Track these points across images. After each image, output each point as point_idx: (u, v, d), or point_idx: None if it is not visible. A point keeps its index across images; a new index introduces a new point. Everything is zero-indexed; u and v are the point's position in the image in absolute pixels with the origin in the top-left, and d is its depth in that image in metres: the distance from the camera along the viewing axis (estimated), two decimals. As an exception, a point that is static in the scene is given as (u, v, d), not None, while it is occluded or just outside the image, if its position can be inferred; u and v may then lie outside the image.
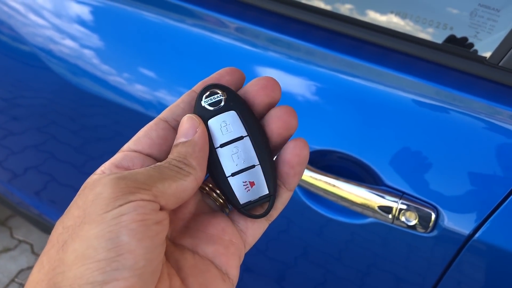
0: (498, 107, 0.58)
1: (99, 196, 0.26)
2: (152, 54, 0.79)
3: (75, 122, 0.96)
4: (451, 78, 0.60)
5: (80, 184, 0.96)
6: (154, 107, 0.79)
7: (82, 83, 0.87)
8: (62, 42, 0.88)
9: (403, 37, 0.64)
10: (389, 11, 0.65)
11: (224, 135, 0.32)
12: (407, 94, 0.61)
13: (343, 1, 0.69)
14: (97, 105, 0.88)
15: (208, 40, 0.74)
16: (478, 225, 0.58)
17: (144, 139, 0.32)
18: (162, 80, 0.79)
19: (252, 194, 0.32)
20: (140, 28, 0.80)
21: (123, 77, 0.82)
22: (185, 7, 0.77)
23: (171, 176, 0.29)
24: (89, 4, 0.85)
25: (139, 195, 0.26)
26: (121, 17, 0.82)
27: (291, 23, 0.71)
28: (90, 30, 0.85)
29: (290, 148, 0.32)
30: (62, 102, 0.94)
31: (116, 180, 0.27)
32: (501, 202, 0.57)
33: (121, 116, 0.85)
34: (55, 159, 1.07)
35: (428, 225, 0.60)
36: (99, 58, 0.84)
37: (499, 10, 0.58)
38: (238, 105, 0.32)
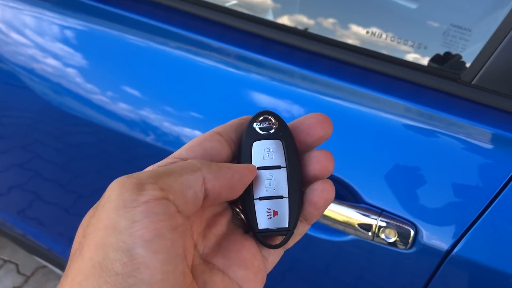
0: (472, 125, 0.59)
1: (108, 200, 0.26)
2: (136, 74, 0.80)
3: (60, 140, 0.96)
4: (427, 96, 0.61)
5: (65, 202, 0.95)
6: (138, 125, 0.80)
7: (66, 102, 0.87)
8: (45, 60, 0.88)
9: (380, 57, 0.65)
10: (365, 31, 0.66)
11: (264, 160, 0.33)
12: (385, 113, 0.63)
13: (323, 16, 0.70)
14: (81, 123, 0.88)
15: (191, 62, 0.75)
16: (455, 241, 0.59)
17: (197, 148, 0.32)
18: (146, 99, 0.79)
19: (272, 223, 0.33)
20: (124, 51, 0.80)
21: (107, 96, 0.83)
22: (168, 29, 0.78)
23: (177, 171, 0.28)
24: (72, 28, 0.86)
25: (146, 192, 0.26)
26: (104, 40, 0.82)
27: (273, 46, 0.72)
28: (73, 49, 0.86)
29: (319, 191, 0.33)
30: (46, 120, 0.94)
31: (122, 181, 0.26)
32: (477, 218, 0.58)
33: (106, 135, 0.85)
34: (40, 177, 1.07)
35: (408, 242, 0.60)
36: (83, 76, 0.85)
37: (470, 30, 0.59)
38: (285, 137, 0.34)
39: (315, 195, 0.33)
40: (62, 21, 0.87)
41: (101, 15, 0.83)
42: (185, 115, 0.76)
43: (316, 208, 0.33)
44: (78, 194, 1.04)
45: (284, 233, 0.33)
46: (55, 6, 0.88)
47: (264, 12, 1.07)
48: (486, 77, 0.58)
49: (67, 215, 1.09)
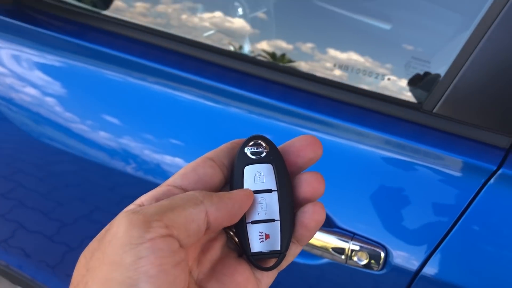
0: (435, 151, 0.63)
1: (115, 236, 0.27)
2: (115, 105, 0.82)
3: (42, 169, 0.97)
4: (392, 125, 0.65)
5: (49, 230, 0.96)
6: (119, 154, 0.82)
7: (46, 132, 0.89)
8: (23, 90, 0.90)
9: (349, 89, 0.69)
10: (332, 65, 0.70)
11: (255, 184, 0.34)
12: (354, 143, 0.66)
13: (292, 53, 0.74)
14: (62, 152, 0.89)
15: (170, 97, 0.78)
16: (423, 261, 0.62)
17: (191, 174, 0.33)
18: (126, 127, 0.82)
19: (264, 246, 0.33)
20: (102, 85, 0.83)
21: (87, 124, 0.85)
22: (145, 64, 0.81)
23: (181, 204, 0.29)
24: (51, 64, 0.88)
25: (152, 230, 0.26)
26: (82, 75, 0.85)
27: (251, 79, 0.76)
28: (52, 79, 0.88)
29: (310, 213, 0.34)
30: (27, 150, 0.95)
31: (129, 217, 0.27)
32: (443, 239, 0.61)
33: (87, 163, 0.87)
34: (23, 206, 1.08)
35: (379, 264, 0.63)
36: (62, 106, 0.87)
37: (429, 62, 0.63)
38: (276, 161, 0.34)
39: (306, 217, 0.33)
40: (41, 58, 0.89)
41: (79, 50, 0.85)
42: (166, 143, 0.79)
43: (308, 230, 0.34)
44: (62, 222, 1.05)
45: (277, 256, 0.34)
46: (34, 43, 0.90)
47: (242, 38, 1.11)
48: (446, 106, 0.62)
49: (51, 243, 1.09)
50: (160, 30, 0.87)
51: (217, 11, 1.19)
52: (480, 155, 0.61)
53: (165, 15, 1.01)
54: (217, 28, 1.09)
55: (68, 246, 1.06)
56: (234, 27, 1.13)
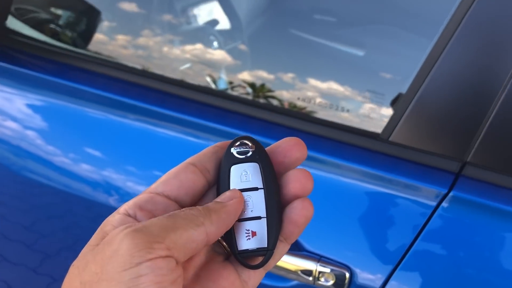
0: (392, 177, 0.68)
1: (116, 253, 0.27)
2: (96, 139, 0.86)
3: (24, 202, 0.99)
4: (351, 153, 0.70)
5: (33, 262, 0.98)
6: (101, 186, 0.85)
7: (27, 165, 0.91)
8: (3, 124, 0.92)
9: (309, 119, 0.74)
10: (296, 98, 0.75)
11: (242, 183, 0.34)
12: (317, 170, 0.71)
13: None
14: (45, 185, 0.92)
15: (151, 133, 0.82)
16: (385, 279, 0.66)
17: (173, 181, 0.33)
18: (108, 160, 0.85)
19: (251, 244, 0.33)
20: (82, 122, 0.87)
21: (69, 157, 0.88)
22: (125, 102, 0.85)
23: (183, 225, 0.29)
24: (31, 103, 0.92)
25: (154, 251, 0.27)
26: (62, 112, 0.88)
27: (230, 115, 0.80)
28: (33, 114, 0.91)
29: (298, 209, 0.34)
30: (9, 183, 0.98)
31: (132, 236, 0.27)
32: (401, 258, 0.66)
33: (70, 195, 0.89)
34: (5, 239, 1.09)
35: (344, 284, 0.68)
36: (43, 139, 0.90)
37: (384, 94, 0.69)
38: (262, 159, 0.35)
39: (295, 213, 0.34)
40: (21, 97, 0.93)
41: (60, 89, 0.90)
42: (148, 174, 0.83)
43: (297, 226, 0.34)
44: (45, 254, 1.06)
45: (264, 253, 0.34)
46: (14, 82, 0.94)
47: (218, 69, 1.17)
48: (400, 134, 0.68)
49: (35, 275, 1.11)
50: (139, 69, 0.92)
51: (194, 44, 1.25)
52: (433, 179, 0.67)
53: (144, 48, 1.07)
54: (194, 61, 1.14)
55: (52, 278, 1.07)
56: (211, 59, 1.19)
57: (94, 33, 1.12)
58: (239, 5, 1.46)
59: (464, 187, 0.65)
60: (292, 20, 1.58)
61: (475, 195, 0.65)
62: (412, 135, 0.68)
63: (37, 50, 0.98)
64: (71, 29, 1.14)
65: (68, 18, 1.16)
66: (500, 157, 0.65)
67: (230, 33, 1.39)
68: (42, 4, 1.13)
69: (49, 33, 1.09)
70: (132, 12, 1.25)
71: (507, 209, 0.64)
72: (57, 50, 0.98)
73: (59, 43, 1.06)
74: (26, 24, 1.04)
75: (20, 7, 1.05)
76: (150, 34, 1.23)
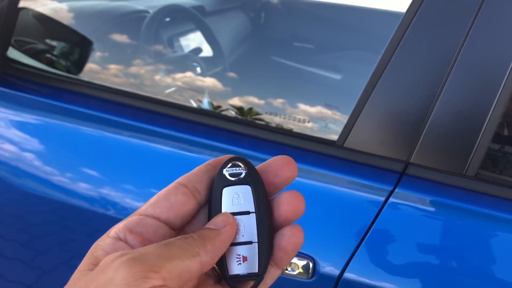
0: (344, 177, 0.78)
1: (111, 281, 0.26)
2: (93, 157, 0.94)
3: (21, 219, 1.03)
4: (310, 158, 0.81)
5: (29, 279, 1.05)
6: (98, 201, 0.91)
7: (26, 183, 0.97)
8: (1, 146, 0.99)
9: (275, 130, 0.85)
10: (271, 108, 0.86)
11: (233, 206, 0.34)
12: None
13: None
14: (42, 203, 0.97)
15: (146, 148, 0.90)
16: (344, 267, 0.76)
17: (163, 202, 0.33)
18: (105, 179, 0.92)
19: (241, 269, 0.33)
20: (79, 140, 0.95)
21: (66, 177, 0.94)
22: (120, 121, 0.94)
23: (179, 255, 0.29)
24: (27, 122, 1.01)
25: (150, 281, 0.27)
26: (59, 132, 0.98)
27: (220, 132, 0.90)
28: (30, 135, 0.99)
29: (287, 236, 0.33)
30: (6, 202, 1.02)
31: (128, 265, 0.27)
32: (356, 247, 0.75)
33: (67, 211, 0.95)
34: (2, 256, 1.11)
35: (309, 273, 0.77)
36: (41, 160, 0.96)
37: (338, 107, 0.80)
38: (254, 182, 0.34)
39: (284, 240, 0.33)
40: (17, 117, 1.01)
41: (56, 111, 0.99)
42: (145, 193, 0.89)
43: (286, 253, 0.33)
44: (42, 270, 1.10)
45: (254, 278, 0.33)
46: (9, 103, 1.02)
47: (201, 93, 1.28)
48: (353, 141, 0.79)
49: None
50: (131, 92, 1.01)
51: (179, 70, 1.36)
52: (381, 178, 0.77)
53: (133, 75, 1.17)
54: (178, 85, 1.25)
55: None
56: (194, 84, 1.30)
57: (87, 60, 1.23)
58: (221, 35, 1.57)
59: (407, 184, 0.76)
60: (273, 47, 1.71)
61: (416, 190, 0.76)
62: (363, 141, 0.79)
63: (35, 77, 1.08)
64: (65, 58, 1.25)
65: (62, 48, 1.27)
66: (437, 158, 0.76)
67: (212, 60, 1.50)
68: (39, 36, 1.24)
69: (45, 61, 1.20)
70: (122, 43, 1.36)
71: (443, 202, 0.75)
72: (53, 76, 1.08)
73: (55, 70, 1.16)
74: (24, 54, 1.15)
75: (19, 39, 1.16)
76: (141, 63, 1.34)
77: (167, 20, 1.47)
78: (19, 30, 1.13)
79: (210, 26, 1.50)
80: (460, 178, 0.75)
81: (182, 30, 1.54)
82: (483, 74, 0.75)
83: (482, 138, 0.73)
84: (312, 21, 1.76)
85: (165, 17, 1.45)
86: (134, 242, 0.31)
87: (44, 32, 1.24)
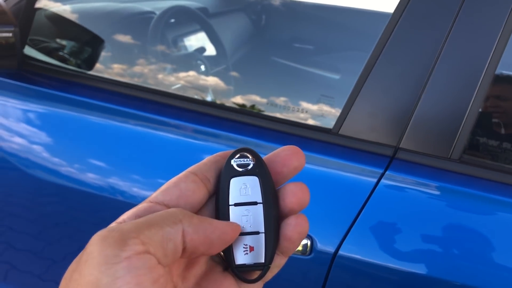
0: (342, 162, 0.85)
1: (90, 255, 0.26)
2: (101, 148, 0.99)
3: (32, 211, 1.07)
4: (307, 144, 0.88)
5: (39, 269, 1.09)
6: (106, 190, 0.95)
7: (36, 174, 1.01)
8: (11, 139, 1.04)
9: (277, 120, 0.92)
10: (271, 105, 0.93)
11: (241, 196, 0.34)
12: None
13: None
14: (52, 194, 1.01)
15: (152, 136, 0.96)
16: (339, 244, 0.82)
17: (173, 190, 0.33)
18: (112, 169, 0.96)
19: (248, 258, 0.34)
20: (86, 130, 1.01)
21: (74, 168, 0.98)
22: (127, 111, 1.01)
23: (158, 222, 0.28)
24: (33, 111, 1.07)
25: (128, 247, 0.26)
26: (66, 122, 1.03)
27: (224, 121, 0.96)
28: (38, 129, 1.03)
29: (293, 226, 0.34)
30: (18, 194, 1.07)
31: (103, 237, 0.26)
32: (351, 226, 0.82)
33: (75, 202, 1.00)
34: (13, 248, 1.15)
35: (306, 250, 0.84)
36: (49, 152, 1.00)
37: (333, 98, 0.87)
38: (262, 173, 0.34)
39: (289, 229, 0.34)
40: (25, 106, 1.06)
41: (63, 101, 1.04)
42: (152, 182, 0.94)
43: (291, 242, 0.34)
44: (52, 260, 1.11)
45: (261, 268, 0.34)
46: (18, 94, 1.08)
47: (205, 92, 1.34)
48: (347, 128, 0.86)
49: (41, 282, 1.18)
50: (138, 84, 1.08)
51: (183, 68, 1.43)
52: (373, 162, 0.84)
53: (140, 74, 1.23)
54: (184, 84, 1.32)
55: (58, 283, 1.16)
56: (198, 83, 1.36)
57: (96, 58, 1.29)
58: (223, 36, 1.64)
59: (397, 167, 0.83)
60: (274, 48, 1.78)
61: (405, 173, 0.82)
62: (356, 128, 0.86)
63: (49, 72, 1.14)
64: (76, 56, 1.32)
65: (73, 46, 1.34)
66: (424, 143, 0.83)
67: (215, 59, 1.57)
68: (51, 35, 1.31)
69: (58, 58, 1.27)
70: (130, 43, 1.43)
71: (430, 183, 0.82)
72: (65, 71, 1.14)
73: (67, 65, 1.23)
74: (39, 52, 1.22)
75: (34, 38, 1.23)
76: (144, 62, 1.41)
77: (172, 21, 1.54)
78: (33, 30, 1.19)
79: (214, 27, 1.57)
80: (445, 161, 0.82)
81: (186, 30, 1.61)
82: (465, 67, 0.82)
83: (465, 124, 0.80)
84: (312, 23, 1.82)
85: (170, 18, 1.52)
86: None
87: (57, 31, 1.31)
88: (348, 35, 1.86)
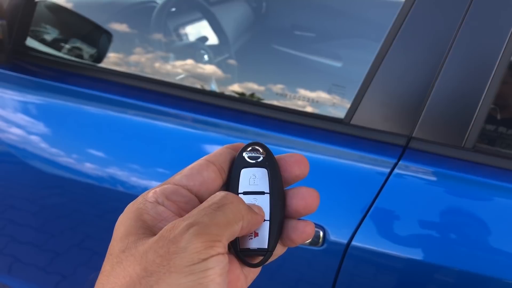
0: (353, 152, 0.84)
1: (185, 250, 0.29)
2: (98, 138, 0.97)
3: (35, 203, 1.05)
4: (318, 135, 0.86)
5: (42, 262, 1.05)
6: (107, 181, 0.95)
7: (36, 166, 0.99)
8: (9, 130, 1.02)
9: (295, 112, 0.91)
10: (275, 94, 0.92)
11: (250, 186, 0.36)
12: (294, 150, 0.87)
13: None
14: (53, 185, 1.00)
15: (151, 126, 0.96)
16: (352, 235, 0.82)
17: (197, 176, 0.35)
18: (111, 159, 0.95)
19: (252, 243, 0.35)
20: (83, 119, 0.99)
21: (73, 158, 0.96)
22: (126, 101, 0.99)
23: (232, 221, 0.31)
24: (31, 102, 1.05)
25: (215, 249, 0.30)
26: (63, 112, 1.01)
27: (225, 110, 0.95)
28: (35, 119, 1.01)
29: (299, 232, 0.36)
30: (18, 187, 1.06)
31: (197, 236, 0.29)
32: (364, 216, 0.81)
33: (76, 193, 0.99)
34: (16, 242, 1.14)
35: (319, 241, 0.83)
36: (47, 143, 0.99)
37: (344, 87, 0.86)
38: (271, 166, 0.37)
39: (295, 234, 0.36)
40: (22, 98, 1.04)
41: (60, 91, 1.01)
42: (151, 171, 0.93)
43: (293, 243, 0.36)
44: (55, 252, 1.11)
45: (263, 254, 0.36)
46: (15, 85, 1.05)
47: (209, 81, 1.33)
48: (359, 118, 0.85)
49: (45, 274, 1.18)
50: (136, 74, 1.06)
51: (187, 58, 1.41)
52: (386, 152, 0.83)
53: (140, 64, 1.22)
54: (187, 73, 1.30)
55: (62, 275, 1.16)
56: (201, 72, 1.35)
57: (97, 47, 1.27)
58: (226, 24, 1.61)
59: (410, 157, 0.82)
60: (275, 36, 1.75)
61: (419, 162, 0.82)
62: (369, 118, 0.85)
63: (48, 62, 1.12)
64: (76, 45, 1.29)
65: (73, 36, 1.32)
66: (437, 132, 0.82)
67: (218, 48, 1.55)
68: (52, 26, 1.29)
69: (58, 49, 1.25)
70: (131, 32, 1.41)
71: (444, 172, 0.81)
72: (63, 61, 1.12)
73: (66, 56, 1.21)
74: (40, 43, 1.20)
75: (35, 29, 1.21)
76: (142, 51, 1.39)
77: (174, 10, 1.52)
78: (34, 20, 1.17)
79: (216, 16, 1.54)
80: (459, 150, 0.81)
81: (188, 19, 1.59)
82: (479, 55, 0.80)
83: (478, 113, 0.79)
84: (312, 10, 1.80)
85: (173, 7, 1.49)
86: (172, 208, 0.34)
87: (57, 21, 1.29)
88: (349, 22, 1.84)
